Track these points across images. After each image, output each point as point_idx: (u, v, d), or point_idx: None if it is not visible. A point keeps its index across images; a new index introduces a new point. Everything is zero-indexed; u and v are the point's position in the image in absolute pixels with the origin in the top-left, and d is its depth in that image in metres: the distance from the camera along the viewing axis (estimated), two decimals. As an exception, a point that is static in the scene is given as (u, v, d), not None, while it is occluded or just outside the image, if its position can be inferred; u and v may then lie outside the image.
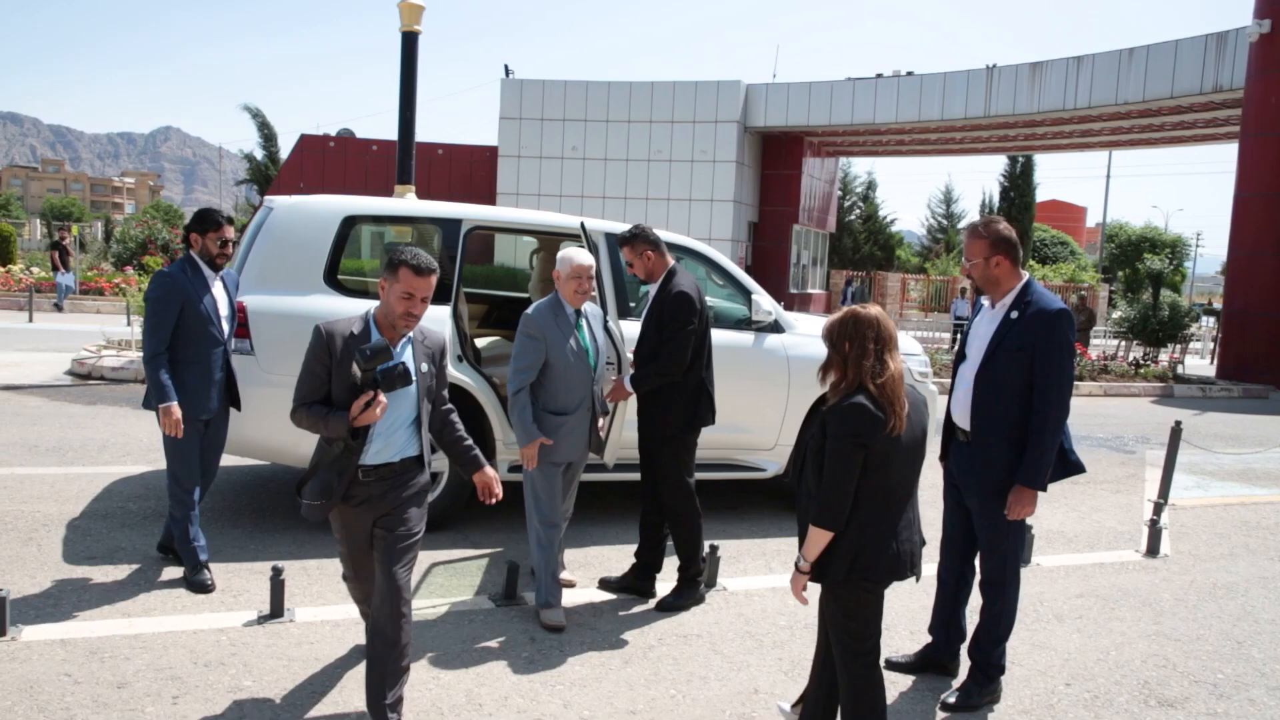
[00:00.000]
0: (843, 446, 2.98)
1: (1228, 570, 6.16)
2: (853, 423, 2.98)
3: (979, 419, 3.87)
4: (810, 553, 3.05)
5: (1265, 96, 18.58)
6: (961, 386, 3.99)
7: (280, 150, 45.46)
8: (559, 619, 4.52)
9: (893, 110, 29.99)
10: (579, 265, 4.58)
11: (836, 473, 2.99)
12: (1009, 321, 3.82)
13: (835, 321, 3.13)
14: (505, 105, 32.41)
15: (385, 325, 3.37)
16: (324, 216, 5.76)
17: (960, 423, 3.97)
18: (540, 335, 4.49)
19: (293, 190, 26.64)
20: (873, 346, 3.04)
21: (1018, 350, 3.75)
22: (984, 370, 3.85)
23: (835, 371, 3.11)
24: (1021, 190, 45.84)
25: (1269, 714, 4.06)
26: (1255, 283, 18.83)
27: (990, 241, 3.83)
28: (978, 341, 3.94)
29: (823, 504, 3.01)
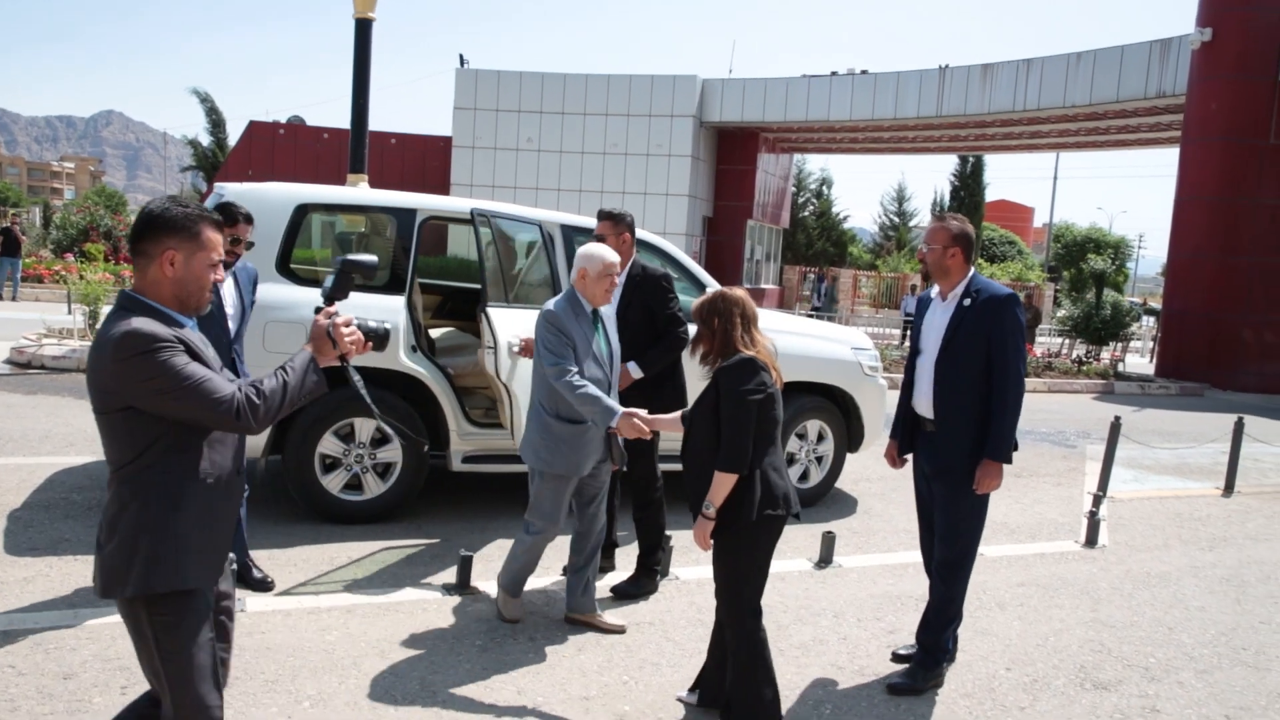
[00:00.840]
0: (739, 396, 3.30)
1: (1161, 560, 6.37)
2: (747, 373, 3.33)
3: (943, 406, 4.03)
4: (717, 497, 3.32)
5: (1206, 102, 19.08)
6: (924, 378, 4.12)
7: (229, 137, 44.67)
8: (519, 612, 4.48)
9: (847, 108, 30.30)
10: (610, 262, 4.21)
11: (738, 419, 3.30)
12: (963, 309, 3.98)
13: (705, 301, 3.49)
14: (460, 95, 32.19)
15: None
16: (276, 205, 5.72)
17: (925, 413, 4.13)
18: (566, 330, 4.12)
19: (241, 178, 26.20)
20: (739, 321, 3.42)
21: (974, 335, 3.94)
22: (943, 358, 4.01)
23: (705, 344, 3.47)
24: (971, 190, 46.57)
25: (1195, 695, 4.22)
26: (1194, 284, 19.35)
27: (952, 233, 4.03)
28: (932, 333, 4.09)
29: (728, 450, 3.29)
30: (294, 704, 3.54)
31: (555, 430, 4.21)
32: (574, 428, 4.20)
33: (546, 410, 4.23)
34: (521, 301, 6.32)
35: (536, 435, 4.28)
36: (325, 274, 6.32)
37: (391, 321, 5.70)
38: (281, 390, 2.41)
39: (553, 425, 4.21)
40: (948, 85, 28.48)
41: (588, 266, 4.19)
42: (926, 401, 4.10)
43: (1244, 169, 18.52)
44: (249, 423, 2.34)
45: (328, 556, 5.21)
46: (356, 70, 10.99)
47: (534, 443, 4.30)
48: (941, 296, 4.12)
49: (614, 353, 4.40)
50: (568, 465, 4.25)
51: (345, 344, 2.54)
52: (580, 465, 4.28)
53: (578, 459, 4.26)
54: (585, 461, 4.30)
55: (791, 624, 4.71)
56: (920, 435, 4.22)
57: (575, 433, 4.21)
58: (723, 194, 33.95)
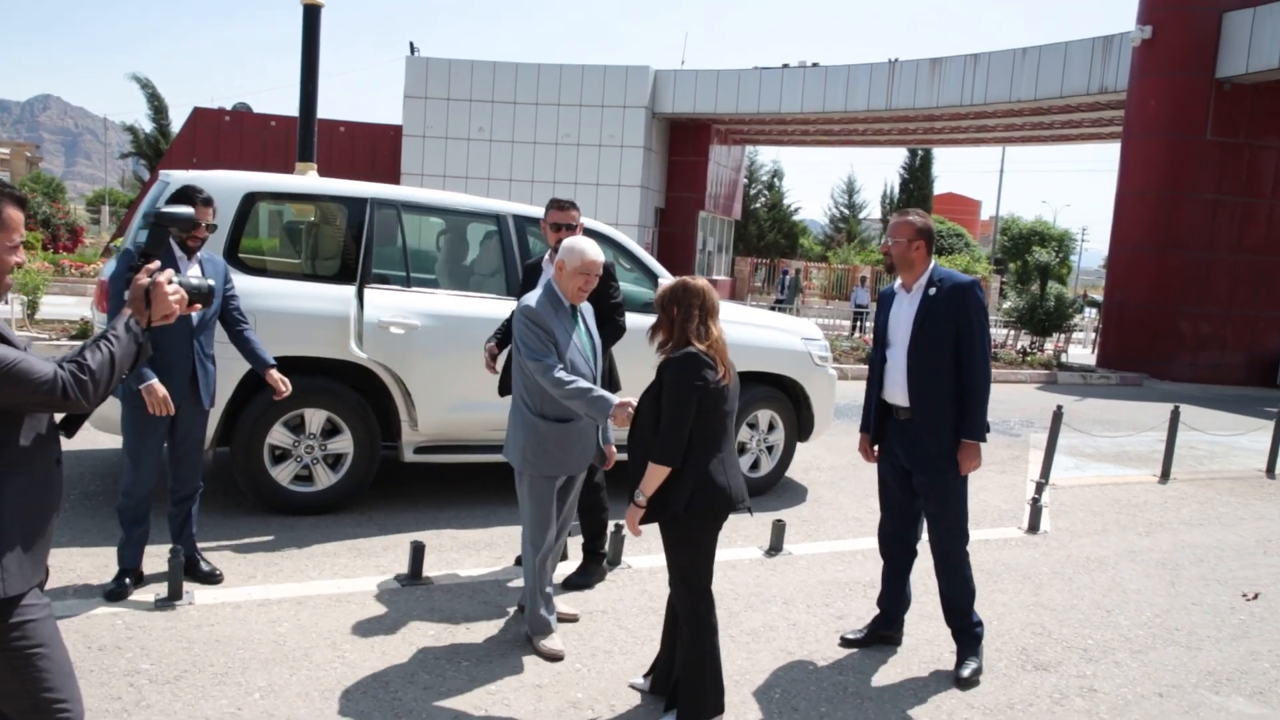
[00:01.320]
0: (680, 391, 3.32)
1: (1100, 545, 6.55)
2: (689, 368, 3.34)
3: (917, 394, 4.14)
4: (648, 487, 3.36)
5: (1145, 99, 19.52)
6: (895, 369, 4.22)
7: (172, 124, 43.74)
8: (558, 646, 4.11)
9: (798, 100, 30.48)
10: (590, 260, 3.96)
11: (675, 413, 3.32)
12: (929, 299, 4.11)
13: (666, 289, 3.50)
14: (410, 84, 31.85)
15: None
16: (224, 193, 5.63)
17: (900, 402, 4.22)
18: (546, 326, 3.89)
19: (185, 165, 25.64)
20: (698, 313, 3.42)
21: (942, 323, 4.06)
22: (914, 347, 4.12)
23: (663, 332, 3.49)
24: (920, 182, 47.22)
25: (1131, 675, 4.36)
26: (1134, 277, 19.81)
27: (916, 227, 4.16)
28: (901, 325, 4.21)
29: (663, 442, 3.32)
30: (244, 696, 3.52)
31: (541, 430, 3.96)
32: (561, 426, 3.98)
33: (530, 409, 3.98)
34: (465, 289, 6.33)
35: (521, 436, 4.02)
36: (270, 263, 6.26)
37: (343, 311, 5.66)
38: (109, 361, 2.26)
39: (538, 425, 3.96)
40: (897, 79, 28.78)
41: (566, 260, 3.97)
42: (901, 391, 4.20)
43: (1182, 164, 18.98)
44: (79, 400, 2.19)
45: (278, 549, 5.17)
46: (305, 57, 10.82)
47: (519, 444, 4.03)
48: (906, 288, 4.23)
49: (596, 347, 4.19)
50: (557, 466, 4.03)
51: (168, 302, 2.37)
52: (569, 464, 4.07)
53: (566, 459, 4.04)
54: (575, 461, 4.09)
55: (742, 611, 4.78)
56: (893, 426, 4.30)
57: (562, 431, 3.99)
58: (675, 185, 33.99)
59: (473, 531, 5.76)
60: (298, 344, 5.60)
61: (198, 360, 4.44)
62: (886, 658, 4.35)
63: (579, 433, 4.05)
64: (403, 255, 6.16)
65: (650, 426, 3.41)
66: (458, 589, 4.78)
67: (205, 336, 4.48)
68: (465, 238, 6.99)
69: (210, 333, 4.53)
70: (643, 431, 3.46)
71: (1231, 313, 19.25)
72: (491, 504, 6.34)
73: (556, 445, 3.99)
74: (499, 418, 6.00)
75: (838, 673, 4.15)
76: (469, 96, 31.73)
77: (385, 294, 5.86)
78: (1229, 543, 6.87)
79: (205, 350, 4.48)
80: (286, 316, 5.58)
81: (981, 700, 4.00)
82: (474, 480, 6.87)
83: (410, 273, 6.15)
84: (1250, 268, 19.24)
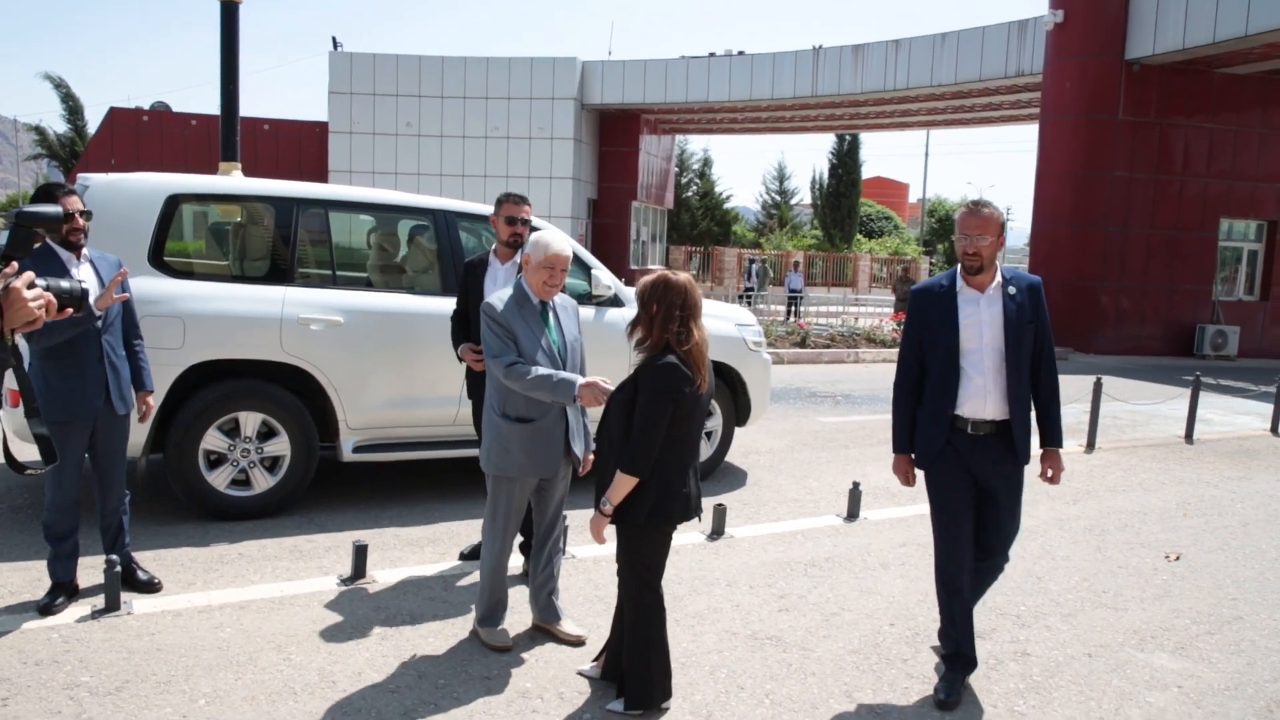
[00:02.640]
0: (655, 401, 3.25)
1: (1030, 515, 6.72)
2: (666, 379, 3.26)
3: (1017, 404, 3.77)
4: (615, 496, 3.32)
5: (1060, 81, 20.06)
6: (985, 378, 3.75)
7: (88, 124, 42.42)
8: (503, 639, 4.09)
9: (725, 89, 30.69)
10: (553, 254, 3.86)
11: (648, 424, 3.26)
12: (1012, 300, 3.76)
13: (647, 283, 3.38)
14: (334, 79, 31.33)
15: None
16: (146, 195, 5.53)
17: (990, 415, 3.77)
18: (505, 324, 3.83)
19: (103, 167, 24.93)
20: (679, 313, 3.32)
21: (1028, 325, 3.76)
22: (1012, 353, 3.74)
23: (641, 329, 3.38)
24: (849, 167, 47.74)
25: (1061, 638, 4.53)
26: (1055, 253, 20.37)
27: (999, 221, 3.77)
28: (986, 329, 3.75)
29: (633, 452, 3.27)
30: (189, 703, 3.48)
31: (504, 431, 3.92)
32: (523, 427, 3.90)
33: (495, 409, 3.95)
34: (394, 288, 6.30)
35: (487, 435, 4.01)
36: (197, 265, 6.15)
37: (271, 312, 5.59)
38: None
39: (501, 425, 3.92)
40: (822, 66, 29.13)
41: (531, 254, 3.89)
42: (995, 403, 3.75)
43: (1097, 144, 19.57)
44: None
45: (217, 555, 5.10)
46: (224, 54, 10.61)
47: (484, 444, 4.03)
48: (978, 288, 3.78)
49: (568, 344, 4.02)
50: (518, 468, 3.95)
51: (28, 308, 2.14)
52: (532, 467, 3.97)
53: (528, 461, 3.95)
54: (538, 464, 3.97)
55: (686, 594, 4.85)
56: (966, 442, 3.79)
57: (524, 433, 3.91)
58: (606, 176, 33.99)
59: (416, 529, 5.75)
60: (228, 346, 5.52)
61: (108, 363, 4.28)
62: (829, 634, 4.46)
63: (542, 434, 3.94)
64: (329, 253, 6.11)
65: (620, 429, 3.34)
66: (402, 586, 4.77)
67: (113, 337, 4.32)
68: (396, 234, 6.94)
69: (118, 333, 4.37)
70: (611, 432, 3.39)
71: (1148, 286, 19.92)
72: (433, 500, 6.32)
73: (518, 446, 3.92)
74: (436, 414, 6.02)
75: (781, 650, 4.24)
76: (395, 91, 31.32)
77: (308, 292, 5.80)
78: (1152, 507, 7.15)
79: (116, 352, 4.34)
80: (215, 319, 5.49)
81: (920, 670, 4.13)
82: (415, 478, 6.84)
83: (336, 271, 6.10)
84: (1164, 242, 19.92)
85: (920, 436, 3.89)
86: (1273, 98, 20.30)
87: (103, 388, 4.27)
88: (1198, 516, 6.94)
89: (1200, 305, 20.34)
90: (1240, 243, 21.24)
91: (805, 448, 8.85)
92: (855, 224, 48.88)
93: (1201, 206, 20.19)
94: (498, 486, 4.01)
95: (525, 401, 3.88)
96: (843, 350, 17.01)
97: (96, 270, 4.30)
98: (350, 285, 6.11)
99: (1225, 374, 17.00)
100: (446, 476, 6.87)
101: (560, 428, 4.00)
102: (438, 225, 6.27)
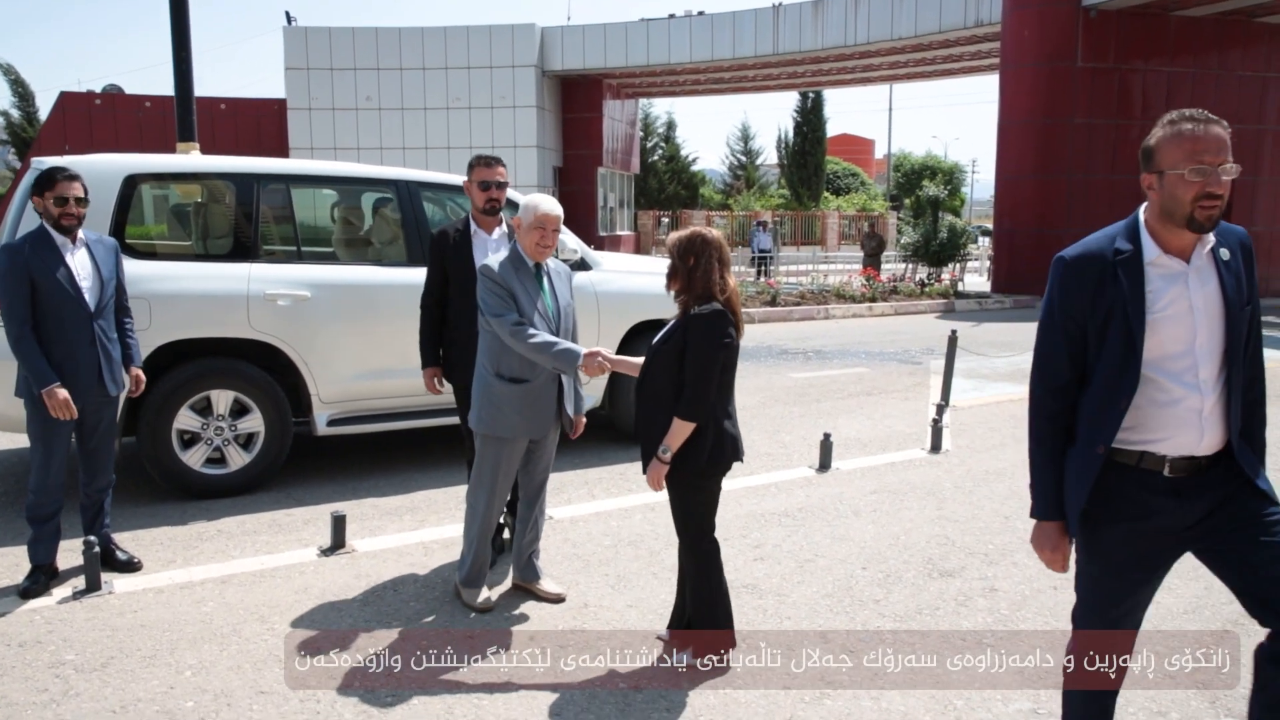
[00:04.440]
0: (710, 347, 3.37)
1: (998, 458, 6.91)
2: (719, 325, 3.39)
3: (1249, 416, 2.50)
4: (674, 442, 3.41)
5: (1019, 30, 20.14)
6: (1198, 395, 2.40)
7: (39, 110, 41.54)
8: (485, 600, 4.16)
9: (686, 50, 30.53)
10: (543, 214, 3.89)
11: (704, 370, 3.37)
12: (1228, 268, 2.43)
13: (684, 239, 3.49)
14: (290, 55, 30.83)
15: None
16: (103, 177, 5.47)
17: (1210, 448, 2.43)
18: (504, 283, 3.86)
19: (58, 152, 24.46)
20: (717, 264, 3.44)
21: (1248, 307, 2.45)
22: (1234, 352, 2.42)
23: (680, 281, 3.48)
24: (814, 125, 47.69)
25: (1028, 573, 4.67)
26: (1019, 203, 20.57)
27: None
28: (1199, 318, 2.39)
29: (691, 399, 3.37)
30: (175, 675, 3.54)
31: (496, 390, 3.94)
32: (516, 388, 3.94)
33: (488, 369, 3.98)
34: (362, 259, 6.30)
35: (478, 395, 4.03)
36: (160, 246, 6.12)
37: (237, 289, 5.59)
38: None
39: (494, 385, 3.95)
40: (782, 23, 29.02)
41: (522, 216, 3.93)
42: (1215, 433, 2.42)
43: (1057, 92, 19.70)
44: None
45: (196, 532, 5.13)
46: (175, 34, 10.43)
47: (476, 404, 4.04)
48: (1181, 255, 2.41)
49: (562, 310, 4.06)
50: (510, 428, 3.98)
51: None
52: (523, 428, 4.01)
53: (521, 421, 3.99)
54: (530, 425, 4.02)
55: (663, 549, 4.93)
56: (1162, 485, 2.44)
57: (517, 393, 3.94)
58: (571, 143, 33.78)
59: (393, 499, 5.80)
60: (196, 325, 5.52)
61: (100, 347, 4.31)
62: (803, 579, 4.56)
63: (534, 395, 3.98)
64: (293, 229, 6.09)
65: (668, 379, 3.42)
66: (382, 554, 4.83)
67: (105, 321, 4.35)
68: (359, 207, 6.93)
69: (110, 317, 4.40)
70: (657, 386, 3.46)
71: (1111, 232, 20.13)
72: (410, 471, 6.37)
73: (510, 406, 3.95)
74: (408, 384, 6.05)
75: (757, 596, 4.34)
76: (353, 65, 30.88)
77: (273, 268, 5.79)
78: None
79: (108, 335, 4.36)
80: (181, 299, 5.48)
81: (892, 609, 4.24)
82: (392, 449, 6.88)
83: (301, 246, 6.09)
84: (1126, 188, 20.08)
85: (1075, 485, 2.51)
86: (1229, 39, 20.47)
87: (95, 371, 4.29)
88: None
89: (1163, 248, 20.58)
90: (1200, 185, 21.45)
91: (777, 403, 8.95)
92: (822, 182, 48.92)
93: (1161, 150, 20.37)
94: (487, 446, 4.04)
95: (520, 362, 3.91)
96: (813, 307, 17.12)
97: (92, 254, 4.33)
98: (316, 260, 6.10)
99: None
100: (422, 446, 6.91)
101: (553, 389, 4.05)
102: (400, 196, 6.25)
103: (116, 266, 4.45)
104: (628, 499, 5.80)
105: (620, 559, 4.80)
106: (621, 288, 6.81)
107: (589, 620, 4.08)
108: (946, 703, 3.43)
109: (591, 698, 3.43)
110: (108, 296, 4.35)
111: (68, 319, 4.20)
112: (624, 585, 4.45)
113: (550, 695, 3.44)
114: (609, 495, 5.90)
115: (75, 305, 4.20)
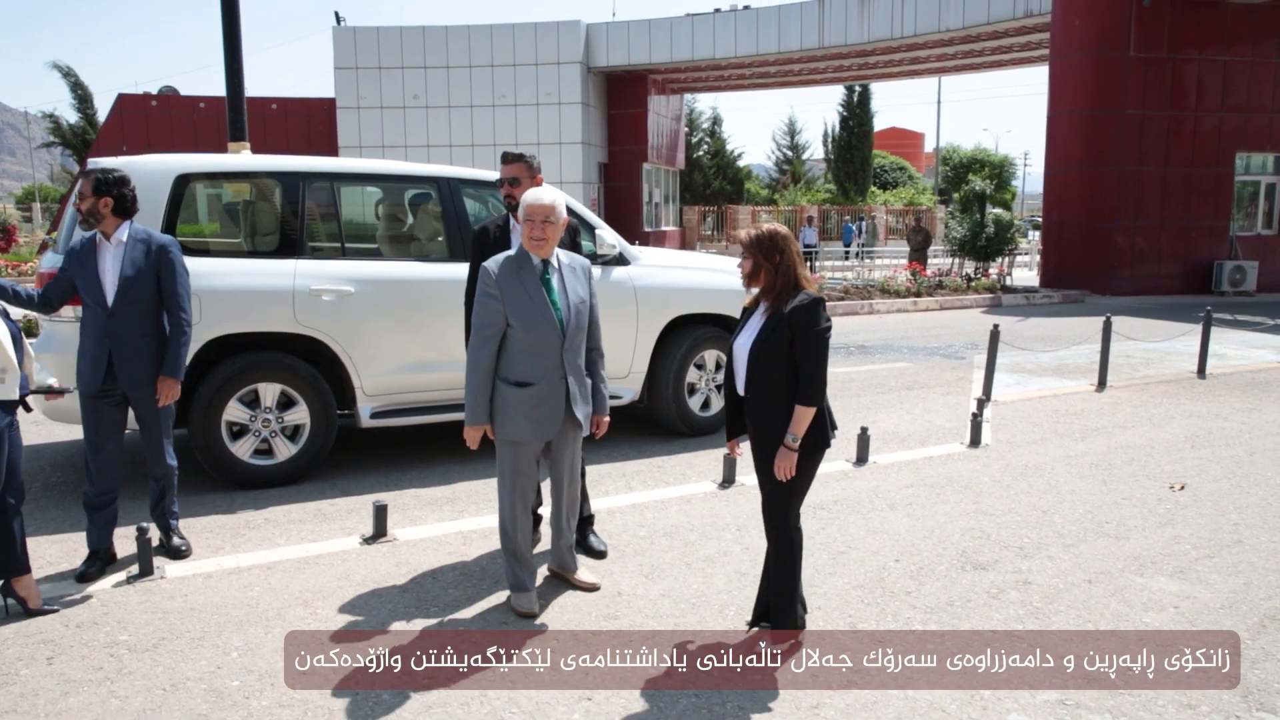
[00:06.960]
0: (822, 334, 3.58)
1: (1038, 453, 6.86)
2: (820, 312, 3.59)
3: None
4: (800, 429, 3.58)
5: (1069, 19, 19.80)
6: None
7: (98, 112, 42.66)
8: (529, 604, 4.10)
9: (731, 45, 30.46)
10: (529, 205, 3.89)
11: (818, 356, 3.57)
12: None
13: (764, 237, 3.66)
14: (339, 55, 31.31)
15: None
16: (156, 177, 5.66)
17: None
18: (496, 291, 3.86)
19: (115, 153, 25.15)
20: (797, 258, 3.66)
21: None
22: None
23: (766, 278, 3.66)
24: (860, 119, 47.29)
25: (1062, 566, 4.65)
26: (1069, 195, 20.24)
27: None
28: None
29: (813, 385, 3.56)
30: (222, 655, 3.68)
31: (504, 394, 3.95)
32: (521, 391, 3.94)
33: (497, 372, 3.99)
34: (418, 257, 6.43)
35: (494, 399, 4.03)
36: (212, 244, 6.29)
37: (283, 285, 5.74)
38: None
39: (501, 388, 3.96)
40: (828, 16, 28.83)
41: (520, 211, 3.96)
42: None
43: (1108, 82, 19.34)
44: None
45: (243, 521, 5.30)
46: (227, 35, 10.71)
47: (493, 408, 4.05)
48: None
49: (572, 307, 3.97)
50: (518, 431, 3.98)
51: None
52: (531, 431, 4.00)
53: (528, 425, 3.98)
54: (538, 428, 4.00)
55: (698, 540, 5.00)
56: None
57: (523, 396, 3.94)
58: (616, 139, 33.89)
59: (435, 489, 5.92)
60: (243, 320, 5.69)
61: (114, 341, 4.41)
62: (835, 570, 4.59)
63: (540, 398, 3.96)
64: (338, 225, 6.24)
65: (780, 370, 3.57)
66: (423, 543, 4.95)
67: (122, 323, 4.39)
68: (403, 204, 7.06)
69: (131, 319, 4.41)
70: (769, 379, 3.60)
71: (1165, 224, 19.76)
72: (451, 463, 6.49)
73: (517, 410, 3.95)
74: (451, 377, 6.16)
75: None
76: (400, 64, 31.28)
77: (318, 264, 5.94)
78: (1160, 441, 7.22)
79: (124, 337, 4.41)
80: (229, 294, 5.65)
81: (924, 600, 4.26)
82: (433, 441, 7.02)
83: (345, 242, 6.23)
84: (1179, 179, 19.73)
85: None
86: (1287, 26, 19.95)
87: (104, 367, 4.41)
88: (1205, 448, 7.01)
89: (1218, 241, 20.17)
90: (1258, 176, 20.98)
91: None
92: (869, 176, 48.49)
93: (1217, 141, 19.96)
94: (502, 450, 4.08)
95: (524, 366, 3.92)
96: (857, 302, 17.03)
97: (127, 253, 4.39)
98: (359, 256, 6.24)
99: (1244, 309, 16.91)
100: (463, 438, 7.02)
101: (560, 391, 4.00)
102: (441, 193, 6.37)
103: (153, 265, 4.43)
104: (664, 491, 5.86)
105: (654, 549, 4.86)
106: (659, 282, 6.86)
107: (622, 608, 4.15)
108: (973, 692, 3.45)
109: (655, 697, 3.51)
110: (133, 294, 4.38)
111: (89, 315, 4.44)
112: (657, 575, 4.52)
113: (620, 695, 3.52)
114: (645, 488, 5.97)
115: (93, 301, 4.40)
